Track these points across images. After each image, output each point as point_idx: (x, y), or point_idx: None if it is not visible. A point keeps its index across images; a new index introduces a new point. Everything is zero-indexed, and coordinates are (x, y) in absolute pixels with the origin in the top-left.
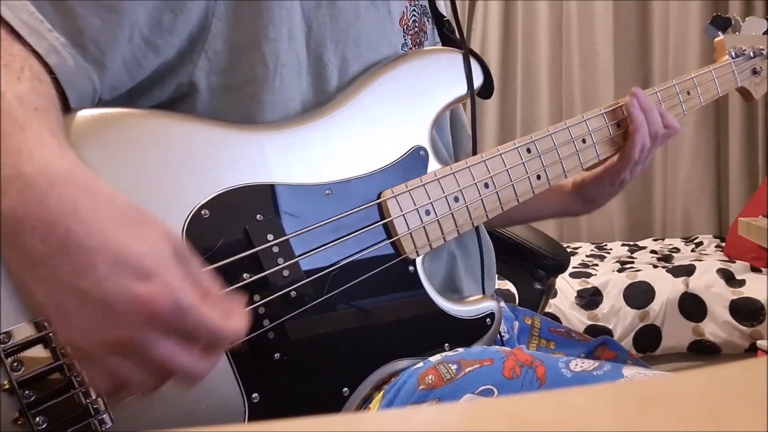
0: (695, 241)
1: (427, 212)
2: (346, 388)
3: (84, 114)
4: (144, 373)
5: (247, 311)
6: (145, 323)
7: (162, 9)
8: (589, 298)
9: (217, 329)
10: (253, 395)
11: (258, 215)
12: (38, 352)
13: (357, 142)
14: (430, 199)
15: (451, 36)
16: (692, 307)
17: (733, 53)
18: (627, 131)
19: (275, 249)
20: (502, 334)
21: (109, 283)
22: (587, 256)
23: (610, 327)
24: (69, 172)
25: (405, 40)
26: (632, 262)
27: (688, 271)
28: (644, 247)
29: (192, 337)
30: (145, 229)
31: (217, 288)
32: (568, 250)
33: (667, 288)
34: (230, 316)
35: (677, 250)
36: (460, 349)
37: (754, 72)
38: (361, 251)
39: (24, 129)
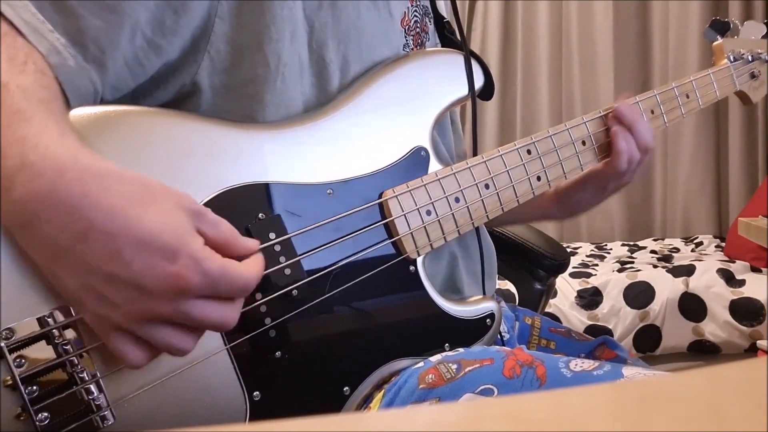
0: (695, 241)
1: (428, 212)
2: (347, 387)
3: (85, 112)
4: (181, 336)
5: (261, 251)
6: (178, 296)
7: (164, 9)
8: (589, 298)
9: (245, 282)
10: (255, 394)
11: (260, 214)
12: (41, 348)
13: (358, 142)
14: (431, 199)
15: (452, 37)
16: (692, 307)
17: (731, 57)
18: (612, 147)
19: (277, 248)
20: (503, 334)
21: (137, 266)
22: (587, 256)
23: (610, 327)
24: (72, 157)
25: (406, 40)
26: (632, 262)
27: (688, 271)
28: (644, 247)
29: (222, 293)
30: (157, 201)
31: (234, 234)
32: (568, 250)
33: (667, 288)
34: (252, 259)
35: (677, 250)
36: (461, 349)
37: (753, 76)
38: (362, 251)
39: (28, 120)
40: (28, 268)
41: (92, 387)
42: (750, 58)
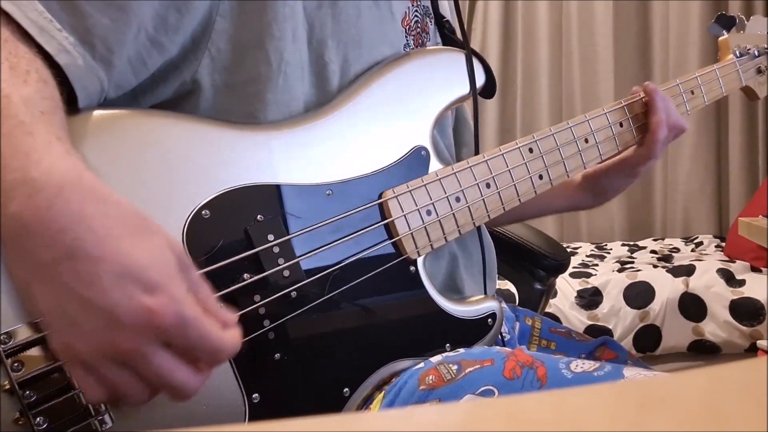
0: (695, 241)
1: (429, 212)
2: (347, 389)
3: (86, 114)
4: (139, 384)
5: (238, 325)
6: (147, 334)
7: (167, 7)
8: (589, 298)
9: (217, 343)
10: (254, 395)
11: (259, 215)
12: (39, 352)
13: (358, 142)
14: (431, 199)
15: (452, 36)
16: (692, 307)
17: (737, 52)
18: (648, 123)
19: (276, 249)
20: (503, 334)
21: (115, 294)
22: (587, 256)
23: (610, 327)
24: (76, 177)
25: (407, 40)
26: (632, 262)
27: (688, 271)
28: (644, 247)
29: (191, 350)
30: (150, 237)
31: (214, 300)
32: (568, 250)
33: (667, 288)
34: (227, 328)
35: (677, 250)
36: (461, 350)
37: (759, 71)
38: (362, 251)
39: (31, 133)
40: None
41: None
42: (756, 53)
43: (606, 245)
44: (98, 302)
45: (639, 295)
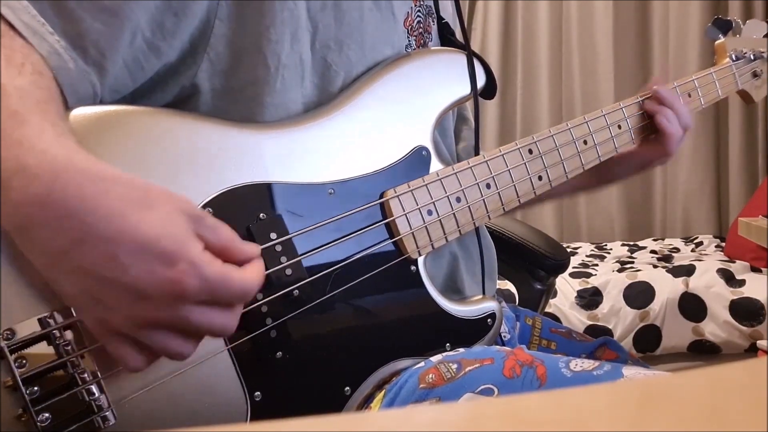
0: (695, 241)
1: (429, 212)
2: (348, 387)
3: (86, 112)
4: (180, 341)
5: (261, 258)
6: (177, 302)
7: (164, 11)
8: (589, 298)
9: (244, 288)
10: (256, 394)
11: (261, 214)
12: (42, 348)
13: (359, 141)
14: (432, 198)
15: (451, 38)
16: (692, 307)
17: (733, 56)
18: (658, 122)
19: (278, 248)
20: (504, 334)
21: (135, 271)
22: (587, 256)
23: (610, 327)
24: (69, 159)
25: (409, 41)
26: (632, 262)
27: (688, 271)
28: (644, 247)
29: (222, 299)
30: (156, 205)
31: (235, 238)
32: (568, 250)
33: (667, 288)
34: (251, 264)
35: (677, 250)
36: (461, 349)
37: (755, 75)
38: (363, 251)
39: (25, 122)
40: (29, 268)
41: (93, 387)
42: (752, 56)
43: (606, 245)
44: (121, 280)
45: (639, 295)
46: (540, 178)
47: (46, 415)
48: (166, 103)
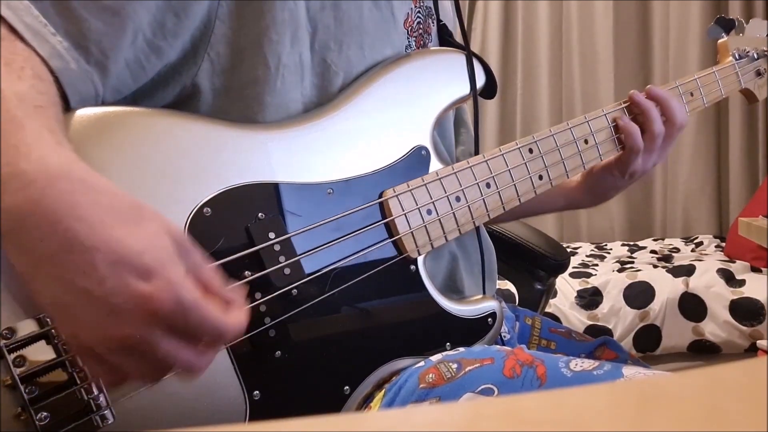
0: (695, 241)
1: (429, 211)
2: (347, 387)
3: (86, 112)
4: (146, 367)
5: (247, 305)
6: (147, 321)
7: (165, 11)
8: (589, 298)
9: (218, 325)
10: (254, 393)
11: (260, 213)
12: (41, 347)
13: (359, 141)
14: (431, 198)
15: (450, 39)
16: (692, 307)
17: (736, 55)
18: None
19: (277, 247)
20: (503, 334)
21: (111, 282)
22: (587, 256)
23: (610, 327)
24: (66, 167)
25: (409, 41)
26: (632, 262)
27: (688, 271)
28: (644, 247)
29: (194, 331)
30: (144, 223)
31: (219, 281)
32: (568, 250)
33: (667, 288)
34: (231, 310)
35: (677, 250)
36: (461, 349)
37: (758, 74)
38: (362, 250)
39: (23, 127)
40: None
41: (92, 386)
42: (755, 55)
43: (606, 245)
44: (96, 292)
45: (639, 295)
46: (540, 177)
47: (45, 413)
48: (167, 103)
